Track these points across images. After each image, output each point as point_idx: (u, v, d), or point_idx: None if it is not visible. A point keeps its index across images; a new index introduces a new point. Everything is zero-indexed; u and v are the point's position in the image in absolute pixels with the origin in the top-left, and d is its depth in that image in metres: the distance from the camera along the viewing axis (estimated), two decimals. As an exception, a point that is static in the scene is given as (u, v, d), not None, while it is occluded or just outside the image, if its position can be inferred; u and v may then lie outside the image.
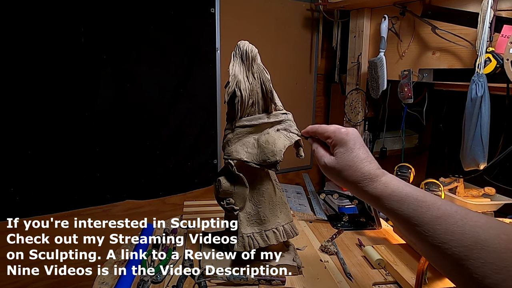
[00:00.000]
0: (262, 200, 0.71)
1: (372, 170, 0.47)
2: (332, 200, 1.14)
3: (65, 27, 1.22)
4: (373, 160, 0.49)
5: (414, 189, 0.44)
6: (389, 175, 0.47)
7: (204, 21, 1.49)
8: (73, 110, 1.28)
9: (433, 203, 0.41)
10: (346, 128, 0.52)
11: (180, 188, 1.59)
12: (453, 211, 0.39)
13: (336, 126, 0.53)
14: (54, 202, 1.32)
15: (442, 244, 0.38)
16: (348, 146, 0.50)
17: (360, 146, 0.50)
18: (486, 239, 0.35)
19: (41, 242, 1.33)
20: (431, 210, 0.40)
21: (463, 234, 0.36)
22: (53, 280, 1.38)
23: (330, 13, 1.70)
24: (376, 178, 0.47)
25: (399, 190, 0.44)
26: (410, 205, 0.42)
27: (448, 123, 1.38)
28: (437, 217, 0.39)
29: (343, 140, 0.50)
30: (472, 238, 0.36)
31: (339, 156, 0.50)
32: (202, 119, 1.57)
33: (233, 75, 0.66)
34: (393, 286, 0.72)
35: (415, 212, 0.41)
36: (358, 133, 0.52)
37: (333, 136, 0.52)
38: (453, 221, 0.38)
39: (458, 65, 1.13)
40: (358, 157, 0.49)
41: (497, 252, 0.34)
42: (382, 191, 0.45)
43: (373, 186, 0.46)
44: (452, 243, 0.37)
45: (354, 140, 0.50)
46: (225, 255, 0.75)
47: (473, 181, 1.14)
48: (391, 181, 0.46)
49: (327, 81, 1.95)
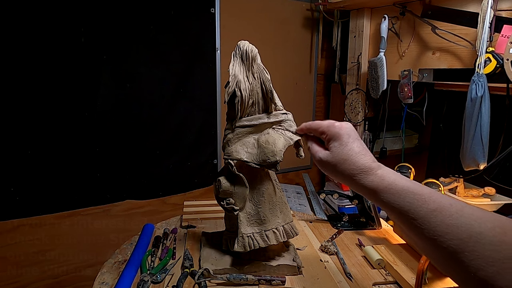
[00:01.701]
0: (262, 200, 0.71)
1: (367, 163, 0.47)
2: (332, 200, 1.14)
3: (65, 27, 1.22)
4: (368, 153, 0.49)
5: (410, 182, 0.44)
6: (385, 168, 0.47)
7: (204, 21, 1.49)
8: (73, 110, 1.28)
9: (429, 196, 0.41)
10: (340, 123, 0.52)
11: (180, 188, 1.59)
12: (448, 204, 0.39)
13: (329, 121, 0.53)
14: (54, 202, 1.32)
15: (437, 237, 0.38)
16: (343, 140, 0.50)
17: (354, 140, 0.50)
18: (481, 232, 0.35)
19: (41, 242, 1.33)
20: (427, 203, 0.40)
21: (458, 227, 0.37)
22: (53, 280, 1.38)
23: (330, 13, 1.70)
24: (372, 171, 0.47)
25: (395, 183, 0.44)
26: (406, 198, 0.42)
27: (448, 123, 1.38)
28: (432, 210, 0.39)
29: (337, 134, 0.51)
30: (467, 231, 0.36)
31: (333, 150, 0.50)
32: (202, 119, 1.57)
33: (233, 75, 0.66)
34: (393, 286, 0.72)
35: (411, 205, 0.41)
36: (352, 127, 0.52)
37: (327, 131, 0.52)
38: (448, 214, 0.38)
39: (458, 65, 1.13)
40: (353, 150, 0.49)
41: (492, 245, 0.34)
42: (378, 184, 0.45)
43: (369, 179, 0.46)
44: (447, 236, 0.37)
45: (348, 133, 0.50)
46: (225, 255, 0.75)
47: (473, 181, 1.14)
48: (387, 174, 0.46)
49: (327, 81, 1.95)
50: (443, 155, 1.48)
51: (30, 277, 1.34)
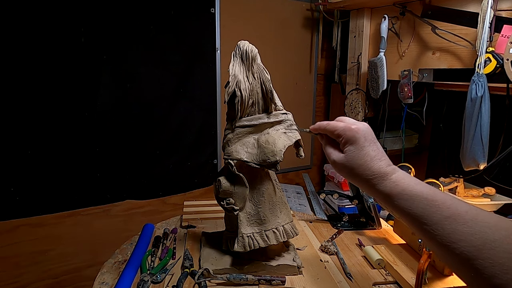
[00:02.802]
0: (262, 200, 0.71)
1: (382, 168, 0.47)
2: (332, 200, 1.14)
3: (65, 27, 1.22)
4: (384, 157, 0.48)
5: (425, 187, 0.43)
6: (400, 172, 0.47)
7: (204, 21, 1.49)
8: (73, 110, 1.28)
9: (443, 202, 0.40)
10: (357, 124, 0.50)
11: (180, 188, 1.59)
12: (463, 211, 0.39)
13: (345, 124, 0.51)
14: (54, 202, 1.32)
15: (451, 243, 0.37)
16: (359, 144, 0.49)
17: (370, 143, 0.49)
18: (495, 239, 0.35)
19: (41, 242, 1.33)
20: (440, 209, 0.40)
21: (472, 235, 0.36)
22: (53, 280, 1.38)
23: (330, 13, 1.70)
24: (386, 176, 0.46)
25: (409, 189, 0.43)
26: (420, 204, 0.42)
27: (448, 123, 1.38)
28: (446, 217, 0.39)
29: (353, 137, 0.49)
30: (481, 239, 0.36)
31: (349, 154, 0.49)
32: (202, 119, 1.57)
33: (233, 75, 0.66)
34: (393, 286, 0.72)
35: (424, 211, 0.41)
36: (369, 127, 0.51)
37: (343, 134, 0.50)
38: (462, 221, 0.38)
39: (458, 65, 1.13)
40: (369, 155, 0.48)
41: (507, 252, 0.34)
42: (392, 189, 0.45)
43: (383, 184, 0.46)
44: (461, 243, 0.37)
45: (365, 136, 0.49)
46: (225, 255, 0.75)
47: (473, 181, 1.14)
48: (402, 179, 0.45)
49: (327, 81, 1.95)
50: (443, 155, 1.48)
51: (30, 277, 1.34)
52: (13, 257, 1.29)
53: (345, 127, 0.50)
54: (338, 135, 0.51)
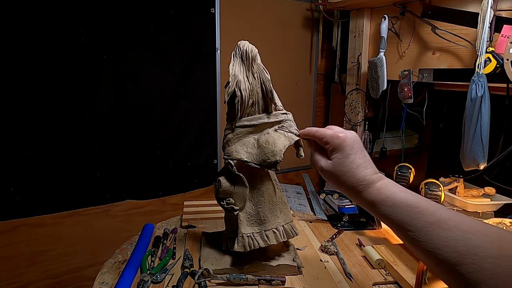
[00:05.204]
0: (262, 200, 0.71)
1: (368, 176, 0.48)
2: (332, 200, 1.14)
3: (65, 27, 1.22)
4: (370, 165, 0.49)
5: (409, 194, 0.44)
6: (385, 180, 0.47)
7: (204, 21, 1.49)
8: (73, 110, 1.28)
9: (427, 208, 0.41)
10: (344, 133, 0.51)
11: (180, 188, 1.59)
12: (446, 217, 0.39)
13: (333, 131, 0.52)
14: (54, 202, 1.32)
15: (435, 249, 0.38)
16: (345, 152, 0.50)
17: (357, 151, 0.50)
18: (479, 245, 0.35)
19: (41, 242, 1.33)
20: (424, 216, 0.40)
21: (456, 240, 0.37)
22: (53, 280, 1.38)
23: (330, 13, 1.70)
24: (371, 183, 0.47)
25: (393, 196, 0.44)
26: (404, 210, 0.42)
27: (448, 123, 1.38)
28: (430, 223, 0.39)
29: (340, 145, 0.50)
30: (465, 244, 0.36)
31: (335, 161, 0.50)
32: (202, 119, 1.57)
33: (233, 75, 0.66)
34: (393, 286, 0.72)
35: (408, 218, 0.41)
36: (357, 136, 0.52)
37: (330, 142, 0.51)
38: (446, 227, 0.38)
39: (458, 65, 1.13)
40: (355, 162, 0.49)
41: (490, 257, 0.34)
42: (376, 196, 0.46)
43: (367, 191, 0.47)
44: (444, 248, 0.37)
45: (352, 145, 0.50)
46: (225, 255, 0.75)
47: (473, 181, 1.14)
48: (386, 186, 0.46)
49: (327, 81, 1.95)
50: (443, 155, 1.48)
51: (30, 277, 1.34)
52: (13, 257, 1.29)
53: (333, 134, 0.52)
54: (326, 142, 0.52)
